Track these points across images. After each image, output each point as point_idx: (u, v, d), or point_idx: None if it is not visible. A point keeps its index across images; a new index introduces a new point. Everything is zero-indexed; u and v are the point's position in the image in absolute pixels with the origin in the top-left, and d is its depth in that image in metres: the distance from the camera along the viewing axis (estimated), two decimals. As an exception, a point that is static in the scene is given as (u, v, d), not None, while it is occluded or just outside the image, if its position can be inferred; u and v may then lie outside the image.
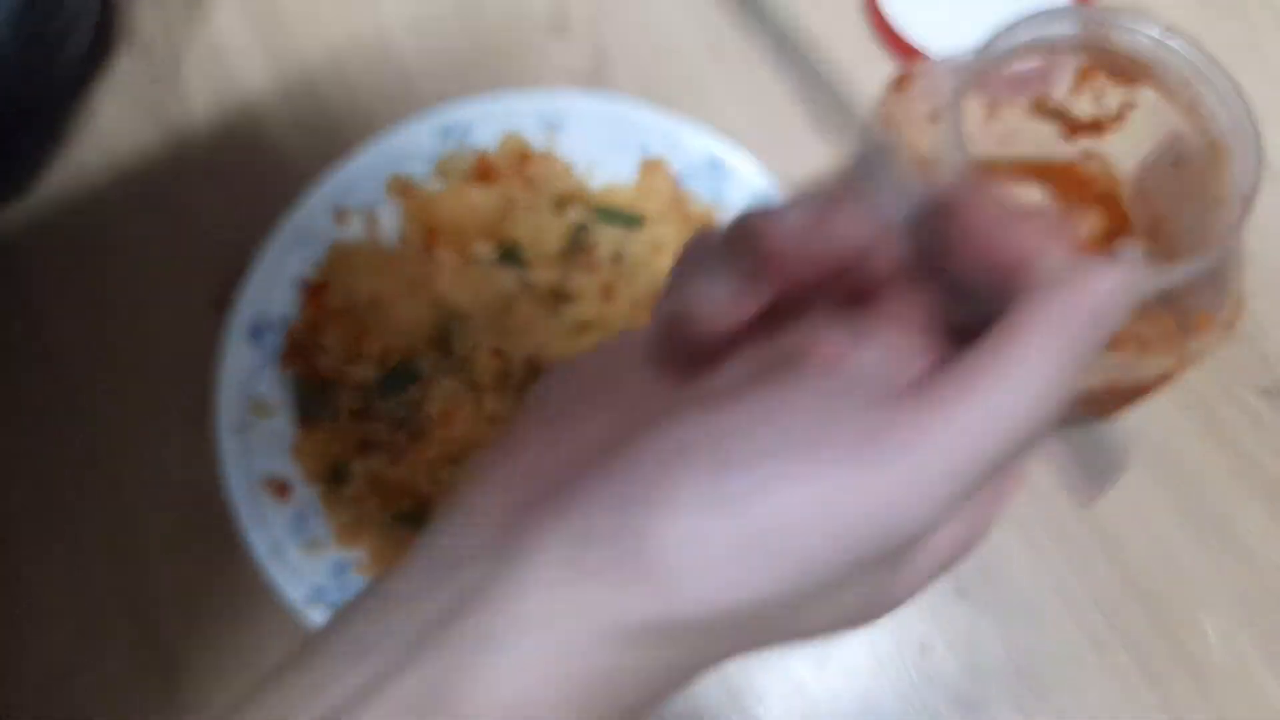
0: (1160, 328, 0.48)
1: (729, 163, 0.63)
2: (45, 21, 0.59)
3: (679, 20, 0.70)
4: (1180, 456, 0.59)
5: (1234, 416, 0.60)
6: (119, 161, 0.66)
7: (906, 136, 0.52)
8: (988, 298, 0.21)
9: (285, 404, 0.58)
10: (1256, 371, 0.61)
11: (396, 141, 0.63)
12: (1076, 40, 0.50)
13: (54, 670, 0.54)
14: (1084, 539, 0.57)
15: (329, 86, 0.68)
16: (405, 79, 0.68)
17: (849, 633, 0.25)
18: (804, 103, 0.30)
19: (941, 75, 0.52)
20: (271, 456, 0.56)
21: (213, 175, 0.65)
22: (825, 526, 0.20)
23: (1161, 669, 0.54)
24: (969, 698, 0.54)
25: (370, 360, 0.57)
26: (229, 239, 0.63)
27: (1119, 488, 0.57)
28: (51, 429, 0.59)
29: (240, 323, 0.59)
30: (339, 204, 0.62)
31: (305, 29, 0.70)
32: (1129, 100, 0.53)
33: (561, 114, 0.64)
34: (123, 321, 0.61)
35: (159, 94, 0.67)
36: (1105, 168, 0.57)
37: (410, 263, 0.60)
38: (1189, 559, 0.57)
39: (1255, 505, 0.58)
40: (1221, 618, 0.55)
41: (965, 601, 0.56)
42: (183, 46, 0.69)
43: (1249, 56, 0.70)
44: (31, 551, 0.56)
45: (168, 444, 0.58)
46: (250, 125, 0.67)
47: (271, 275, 0.60)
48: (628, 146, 0.64)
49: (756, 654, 0.24)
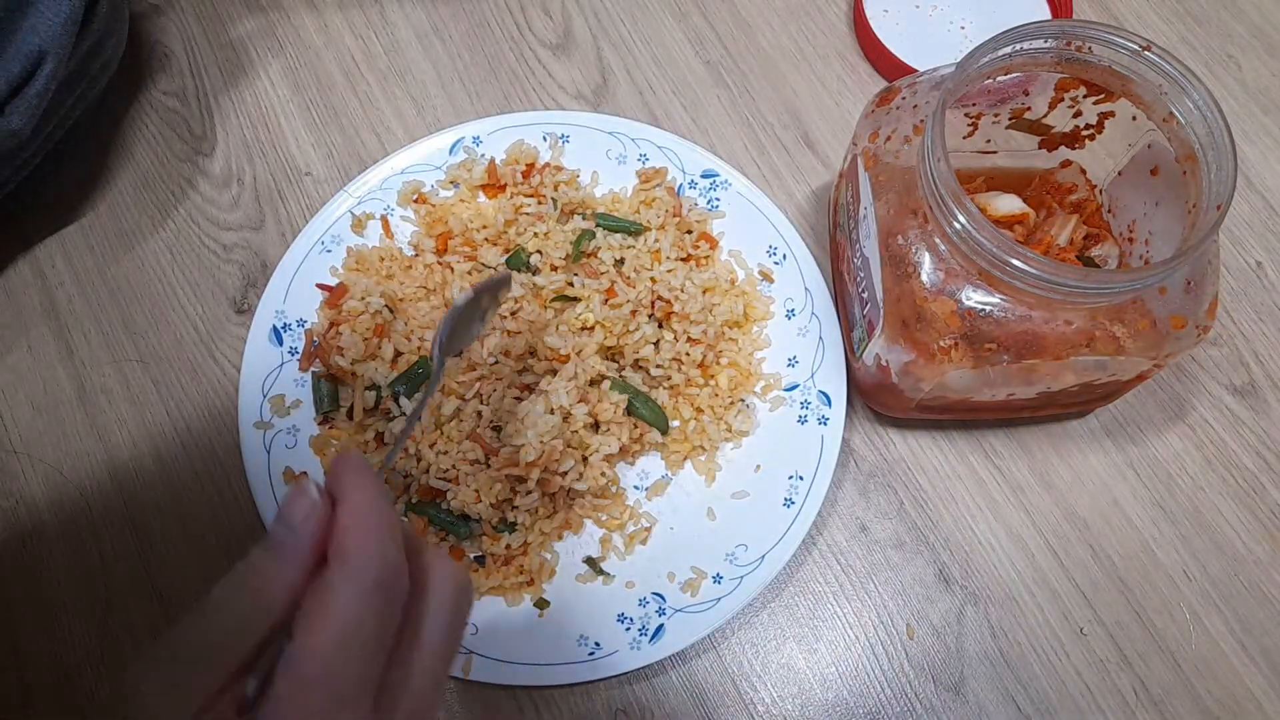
0: (1137, 329, 0.49)
1: (724, 175, 0.66)
2: (97, 42, 0.61)
3: (678, 40, 0.73)
4: (1157, 452, 0.61)
5: (1209, 414, 0.62)
6: (141, 168, 0.68)
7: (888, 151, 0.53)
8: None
9: (305, 401, 0.60)
10: (1230, 371, 0.63)
11: (411, 154, 0.67)
12: (1055, 53, 0.51)
13: (76, 659, 0.56)
14: (1064, 530, 0.59)
15: (347, 103, 0.71)
16: (418, 96, 0.71)
17: None
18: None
19: (924, 89, 0.54)
20: (291, 451, 0.59)
21: (232, 183, 0.68)
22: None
23: (1139, 653, 0.56)
24: (952, 680, 0.56)
25: (385, 360, 0.59)
26: (250, 244, 0.66)
27: (1098, 482, 0.60)
28: (71, 426, 0.61)
29: (261, 324, 0.62)
30: (356, 212, 0.65)
31: (325, 47, 0.73)
32: (1106, 111, 0.54)
33: (566, 129, 0.67)
34: (148, 324, 0.64)
35: (178, 106, 0.70)
36: (1082, 176, 0.59)
37: (423, 267, 0.63)
38: (1166, 549, 0.59)
39: (1229, 499, 0.60)
40: (1197, 605, 0.57)
41: (949, 588, 0.58)
42: (205, 63, 0.72)
43: (1224, 68, 0.72)
44: (53, 543, 0.58)
45: (191, 439, 0.61)
46: (270, 136, 0.70)
47: (291, 279, 0.63)
48: (628, 159, 0.67)
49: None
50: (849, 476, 0.60)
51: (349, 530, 0.33)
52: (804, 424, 0.60)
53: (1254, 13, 0.74)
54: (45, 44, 0.56)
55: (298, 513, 0.34)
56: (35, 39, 0.55)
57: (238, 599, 0.33)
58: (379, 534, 0.34)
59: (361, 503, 0.34)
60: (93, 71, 0.63)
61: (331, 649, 0.31)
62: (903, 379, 0.54)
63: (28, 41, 0.55)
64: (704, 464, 0.60)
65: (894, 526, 0.59)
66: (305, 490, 0.34)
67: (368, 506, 0.34)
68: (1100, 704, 0.55)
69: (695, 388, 0.60)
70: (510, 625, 0.55)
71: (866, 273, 0.54)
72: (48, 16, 0.55)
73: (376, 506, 0.34)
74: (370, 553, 0.33)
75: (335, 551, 0.33)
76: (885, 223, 0.52)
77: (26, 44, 0.55)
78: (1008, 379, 0.52)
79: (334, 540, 0.33)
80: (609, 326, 0.59)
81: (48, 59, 0.56)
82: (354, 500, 0.34)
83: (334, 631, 0.32)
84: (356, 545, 0.33)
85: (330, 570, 0.33)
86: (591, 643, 0.55)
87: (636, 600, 0.56)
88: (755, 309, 0.63)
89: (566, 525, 0.58)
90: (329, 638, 0.32)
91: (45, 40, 0.55)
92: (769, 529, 0.57)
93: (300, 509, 0.34)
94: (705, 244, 0.64)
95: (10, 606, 0.57)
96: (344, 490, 0.34)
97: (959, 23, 0.72)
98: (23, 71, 0.55)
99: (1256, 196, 0.68)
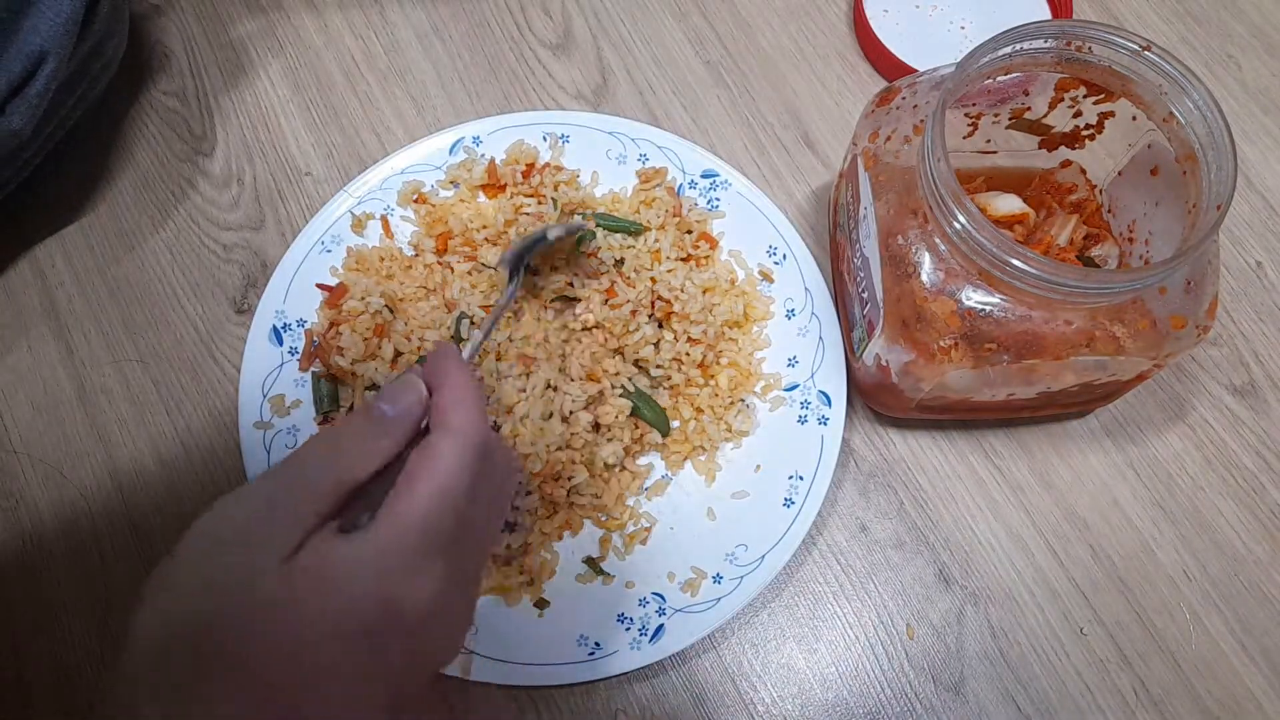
0: (1137, 329, 0.49)
1: (724, 175, 0.66)
2: (98, 42, 0.61)
3: (678, 40, 0.73)
4: (1157, 452, 0.61)
5: (1209, 414, 0.62)
6: (141, 168, 0.68)
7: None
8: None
9: (305, 401, 0.60)
10: (1230, 371, 0.63)
11: (411, 154, 0.67)
12: (1055, 53, 0.51)
13: (76, 659, 0.56)
14: (1064, 530, 0.59)
15: (347, 103, 0.71)
16: (418, 96, 0.71)
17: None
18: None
19: (924, 89, 0.54)
20: (291, 451, 0.59)
21: (232, 183, 0.68)
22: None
23: (1139, 653, 0.56)
24: (952, 680, 0.56)
25: (385, 360, 0.59)
26: (250, 244, 0.66)
27: (1098, 482, 0.60)
28: (71, 426, 0.61)
29: (261, 324, 0.62)
30: (356, 212, 0.65)
31: (325, 47, 0.73)
32: (1106, 111, 0.54)
33: (566, 129, 0.67)
34: (148, 324, 0.64)
35: (178, 106, 0.70)
36: (1082, 176, 0.59)
37: (423, 267, 0.63)
38: (1166, 549, 0.59)
39: (1229, 499, 0.60)
40: (1197, 605, 0.57)
41: (949, 588, 0.58)
42: (205, 63, 0.72)
43: (1224, 68, 0.72)
44: (52, 543, 0.58)
45: (191, 439, 0.61)
46: (270, 136, 0.70)
47: (291, 279, 0.63)
48: (628, 159, 0.67)
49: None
50: (849, 476, 0.60)
51: (453, 405, 0.38)
52: (804, 424, 0.60)
53: (1254, 13, 0.74)
54: (46, 44, 0.56)
55: (405, 396, 0.39)
56: (36, 39, 0.55)
57: (334, 457, 0.37)
58: (480, 410, 0.39)
59: (461, 384, 0.39)
60: (93, 72, 0.63)
61: (433, 500, 0.36)
62: (903, 379, 0.54)
63: (29, 42, 0.55)
64: (704, 464, 0.60)
65: (894, 526, 0.59)
66: (412, 384, 0.40)
67: (466, 388, 0.39)
68: (1100, 704, 0.55)
69: (695, 388, 0.60)
70: (510, 625, 0.55)
71: (866, 273, 0.54)
72: (49, 16, 0.55)
73: (474, 389, 0.40)
74: (473, 423, 0.38)
75: (440, 422, 0.38)
76: (885, 223, 0.52)
77: (27, 44, 0.55)
78: (1008, 379, 0.52)
79: (438, 414, 0.38)
80: (609, 327, 0.59)
81: (48, 59, 0.56)
82: (455, 381, 0.39)
83: (437, 484, 0.36)
84: (461, 418, 0.38)
85: (435, 436, 0.37)
86: (591, 643, 0.55)
87: (636, 600, 0.56)
88: (755, 309, 0.63)
89: (566, 525, 0.58)
90: (433, 488, 0.36)
91: (46, 40, 0.56)
92: (769, 529, 0.57)
93: (408, 395, 0.39)
94: (705, 244, 0.64)
95: (10, 606, 0.57)
96: (445, 375, 0.39)
97: (959, 23, 0.72)
98: (23, 72, 0.55)
99: (1256, 196, 0.68)
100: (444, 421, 0.38)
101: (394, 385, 0.40)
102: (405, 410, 0.39)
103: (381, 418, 0.38)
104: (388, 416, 0.38)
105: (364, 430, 0.38)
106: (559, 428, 0.56)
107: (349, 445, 0.37)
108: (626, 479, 0.59)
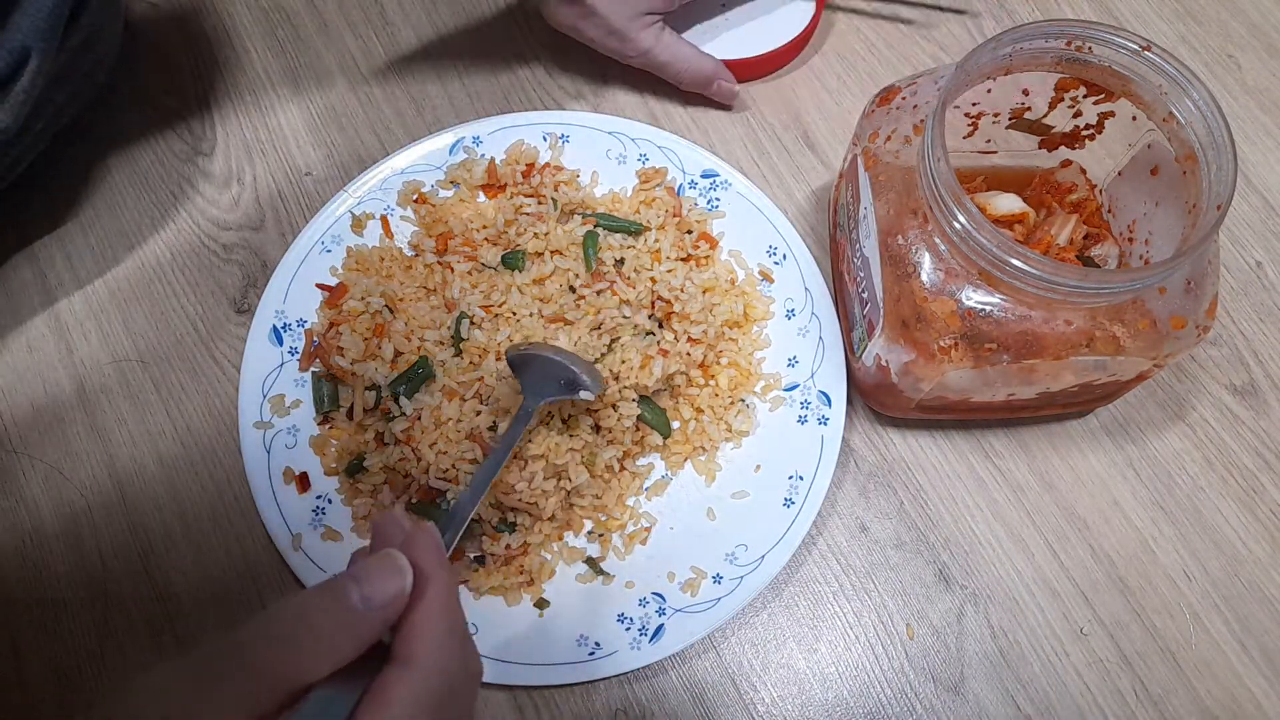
0: (1137, 329, 0.49)
1: (724, 175, 0.66)
2: (88, 37, 0.61)
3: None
4: (1157, 452, 0.61)
5: (1209, 414, 0.62)
6: (141, 168, 0.68)
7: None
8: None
9: (305, 401, 0.60)
10: (1230, 371, 0.63)
11: (411, 154, 0.67)
12: (1055, 53, 0.51)
13: (75, 659, 0.56)
14: (1064, 530, 0.59)
15: (347, 103, 0.71)
16: (418, 96, 0.71)
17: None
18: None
19: (924, 89, 0.54)
20: (291, 451, 0.59)
21: (232, 183, 0.68)
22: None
23: (1139, 653, 0.56)
24: (952, 680, 0.56)
25: (385, 360, 0.59)
26: (250, 244, 0.66)
27: (1098, 482, 0.60)
28: (71, 426, 0.61)
29: (261, 324, 0.62)
30: (356, 212, 0.65)
31: (325, 47, 0.73)
32: (1106, 111, 0.54)
33: (566, 129, 0.67)
34: (148, 324, 0.64)
35: (178, 106, 0.70)
36: (1082, 176, 0.59)
37: (423, 267, 0.63)
38: (1166, 549, 0.58)
39: (1229, 499, 0.60)
40: (1197, 606, 0.57)
41: (949, 588, 0.58)
42: (205, 63, 0.72)
43: (1224, 68, 0.72)
44: (52, 543, 0.58)
45: (191, 439, 0.61)
46: (270, 136, 0.70)
47: (291, 279, 0.63)
48: (628, 159, 0.67)
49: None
50: (849, 476, 0.60)
51: (419, 632, 0.34)
52: (804, 424, 0.60)
53: (1254, 13, 0.74)
54: (29, 39, 0.55)
55: (385, 587, 0.34)
56: (18, 34, 0.55)
57: (286, 652, 0.32)
58: (449, 632, 0.34)
59: (433, 598, 0.34)
60: (85, 67, 0.62)
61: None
62: (903, 379, 0.54)
63: (11, 37, 0.55)
64: (704, 464, 0.60)
65: (894, 526, 0.59)
66: (394, 569, 0.34)
67: (440, 609, 0.34)
68: (1100, 704, 0.55)
69: (695, 388, 0.60)
70: (510, 625, 0.55)
71: (866, 273, 0.54)
72: (30, 11, 0.55)
73: (448, 608, 0.35)
74: (437, 654, 0.34)
75: (400, 655, 0.33)
76: (885, 223, 0.52)
77: (10, 40, 0.54)
78: (1008, 379, 0.52)
79: (400, 641, 0.34)
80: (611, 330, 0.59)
81: (33, 55, 0.55)
82: (430, 594, 0.34)
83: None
84: (425, 649, 0.33)
85: (392, 674, 0.33)
86: (591, 643, 0.55)
87: (636, 600, 0.56)
88: (755, 309, 0.63)
89: (567, 525, 0.58)
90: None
91: (29, 36, 0.55)
92: (769, 529, 0.57)
93: (388, 585, 0.34)
94: (705, 244, 0.64)
95: (10, 606, 0.57)
96: (420, 583, 0.34)
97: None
98: (7, 68, 0.55)
99: (1256, 196, 0.68)
100: (407, 655, 0.33)
101: (375, 566, 0.34)
102: (382, 606, 0.33)
103: (351, 611, 0.33)
104: (358, 612, 0.33)
105: (328, 623, 0.32)
106: (559, 428, 0.56)
107: (308, 640, 0.32)
108: (627, 479, 0.59)
